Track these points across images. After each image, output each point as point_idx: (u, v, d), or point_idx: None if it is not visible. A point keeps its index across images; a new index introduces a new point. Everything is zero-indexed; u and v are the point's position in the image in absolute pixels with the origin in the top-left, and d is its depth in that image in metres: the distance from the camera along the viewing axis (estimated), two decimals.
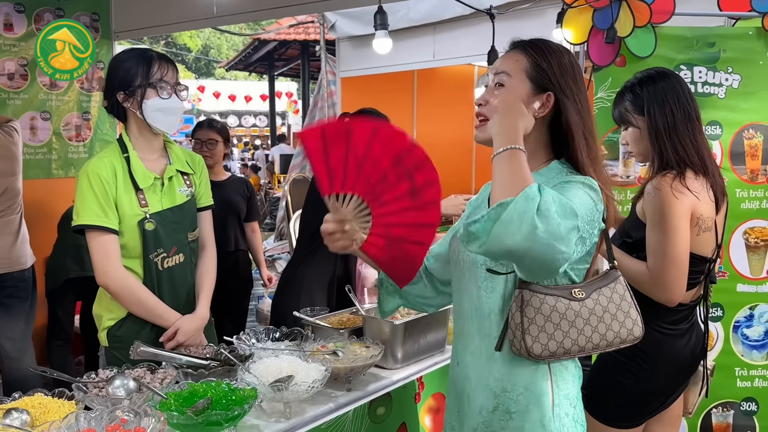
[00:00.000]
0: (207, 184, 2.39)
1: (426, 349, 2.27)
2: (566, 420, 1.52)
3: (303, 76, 12.19)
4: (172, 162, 2.26)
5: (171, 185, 2.23)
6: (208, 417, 1.55)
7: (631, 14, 2.78)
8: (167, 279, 2.19)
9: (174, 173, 2.24)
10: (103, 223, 2.07)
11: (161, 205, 2.18)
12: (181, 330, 2.14)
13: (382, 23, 3.95)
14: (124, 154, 2.16)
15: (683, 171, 2.09)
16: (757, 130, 2.91)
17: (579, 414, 1.57)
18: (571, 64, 1.56)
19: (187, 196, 2.26)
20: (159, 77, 2.14)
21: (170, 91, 2.16)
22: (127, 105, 2.15)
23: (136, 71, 2.13)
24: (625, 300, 1.54)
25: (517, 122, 1.44)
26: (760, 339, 2.92)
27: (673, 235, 2.02)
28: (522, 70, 1.55)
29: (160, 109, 2.14)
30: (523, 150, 1.39)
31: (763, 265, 2.92)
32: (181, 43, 29.20)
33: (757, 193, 2.92)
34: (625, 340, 1.53)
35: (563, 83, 1.53)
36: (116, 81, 2.15)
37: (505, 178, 1.36)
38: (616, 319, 1.52)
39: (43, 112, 4.46)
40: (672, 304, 2.07)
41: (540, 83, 1.54)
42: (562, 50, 1.58)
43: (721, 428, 2.93)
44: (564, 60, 1.56)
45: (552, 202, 1.28)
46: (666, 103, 2.14)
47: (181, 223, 2.23)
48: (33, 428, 1.52)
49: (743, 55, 2.90)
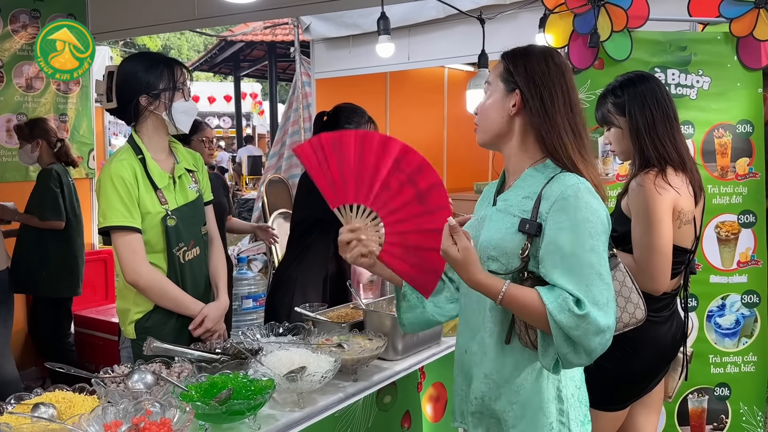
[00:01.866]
0: (207, 180, 2.49)
1: (424, 341, 2.36)
2: (572, 400, 1.62)
3: (270, 78, 12.18)
4: (179, 161, 2.35)
5: (182, 183, 2.32)
6: (232, 406, 1.61)
7: (609, 19, 2.91)
8: (189, 271, 2.29)
9: (183, 171, 2.33)
10: (129, 223, 2.15)
11: (177, 202, 2.27)
12: (209, 317, 2.27)
13: (384, 28, 4.13)
14: (138, 156, 2.23)
15: (664, 168, 2.22)
16: (726, 129, 3.08)
17: (583, 395, 1.67)
18: (546, 65, 1.63)
19: (196, 193, 2.36)
20: (182, 81, 2.28)
21: (189, 94, 2.31)
22: (152, 108, 2.24)
23: (162, 75, 2.23)
24: (626, 286, 1.65)
25: (470, 274, 1.52)
26: (732, 327, 3.09)
27: (657, 228, 2.15)
28: (498, 76, 1.68)
29: (184, 111, 2.28)
30: (503, 292, 1.50)
31: (734, 257, 3.09)
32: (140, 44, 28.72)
33: (727, 189, 3.08)
34: (627, 324, 1.63)
35: (529, 83, 1.62)
36: (139, 85, 2.22)
37: (524, 317, 1.53)
38: (617, 304, 1.62)
39: (19, 114, 4.43)
40: (657, 293, 2.19)
41: (509, 84, 1.65)
42: (543, 53, 1.66)
43: (697, 413, 3.09)
44: (535, 62, 1.63)
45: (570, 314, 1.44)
46: (645, 104, 2.27)
47: (196, 218, 2.34)
48: (63, 421, 1.56)
49: (712, 58, 3.06)
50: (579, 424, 1.62)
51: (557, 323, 1.44)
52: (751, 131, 3.08)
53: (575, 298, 1.44)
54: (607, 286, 1.47)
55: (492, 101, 1.68)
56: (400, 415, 2.13)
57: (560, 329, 1.44)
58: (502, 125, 1.66)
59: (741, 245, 3.08)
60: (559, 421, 1.59)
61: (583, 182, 1.55)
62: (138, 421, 1.53)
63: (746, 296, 3.07)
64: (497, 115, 1.66)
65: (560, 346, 1.46)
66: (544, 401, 1.60)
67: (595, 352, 1.45)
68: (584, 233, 1.48)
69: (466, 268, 1.52)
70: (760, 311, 3.08)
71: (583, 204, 1.51)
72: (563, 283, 1.46)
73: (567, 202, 1.51)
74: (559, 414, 1.59)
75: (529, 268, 1.56)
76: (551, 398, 1.60)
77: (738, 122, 3.08)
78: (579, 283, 1.45)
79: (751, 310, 3.08)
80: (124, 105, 2.25)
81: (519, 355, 1.61)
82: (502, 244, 1.58)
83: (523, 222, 1.56)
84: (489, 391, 1.65)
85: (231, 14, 4.15)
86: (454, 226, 1.52)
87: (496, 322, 1.63)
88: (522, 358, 1.61)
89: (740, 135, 3.07)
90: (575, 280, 1.46)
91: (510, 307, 1.53)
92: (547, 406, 1.59)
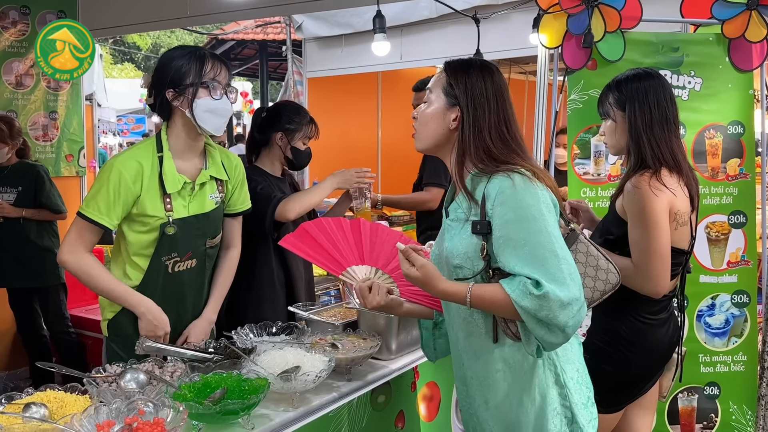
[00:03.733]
0: (243, 188, 2.35)
1: (418, 340, 2.35)
2: (571, 383, 1.66)
3: (261, 76, 12.10)
4: (207, 167, 2.19)
5: (202, 191, 2.18)
6: (225, 406, 1.61)
7: (603, 20, 2.92)
8: (176, 282, 2.18)
9: (207, 179, 2.18)
10: (100, 221, 2.05)
11: (187, 212, 2.14)
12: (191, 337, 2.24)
13: (380, 27, 4.11)
14: (158, 153, 2.10)
15: (658, 169, 2.20)
16: (717, 130, 3.09)
17: (583, 377, 1.71)
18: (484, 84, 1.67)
19: (216, 203, 2.21)
20: (212, 77, 2.08)
21: (222, 92, 2.10)
22: (176, 103, 2.08)
23: (188, 69, 2.06)
24: (591, 255, 1.69)
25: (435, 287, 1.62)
26: (721, 327, 3.11)
27: (655, 231, 2.13)
28: (440, 87, 1.72)
29: (210, 109, 2.07)
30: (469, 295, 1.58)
31: (724, 257, 3.11)
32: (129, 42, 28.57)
33: (717, 189, 3.10)
34: (605, 291, 1.68)
35: (468, 102, 1.66)
36: (166, 78, 2.07)
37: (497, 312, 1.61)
38: (587, 275, 1.68)
39: (9, 111, 4.39)
40: (658, 296, 2.19)
41: (450, 98, 1.69)
42: (482, 71, 1.69)
43: (687, 411, 3.11)
44: (475, 79, 1.67)
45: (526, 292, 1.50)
46: (645, 103, 2.24)
47: (203, 230, 2.20)
48: (54, 421, 1.55)
49: (704, 59, 3.08)
50: (582, 407, 1.66)
51: (523, 309, 1.50)
52: (742, 132, 3.10)
53: (534, 280, 1.50)
54: (564, 261, 1.52)
55: (432, 111, 1.72)
56: (394, 415, 2.13)
57: (528, 314, 1.50)
58: (441, 136, 1.72)
59: (731, 245, 3.10)
60: (562, 405, 1.64)
61: (517, 174, 1.60)
62: (131, 421, 1.52)
63: (736, 296, 3.09)
64: (437, 126, 1.71)
65: (534, 330, 1.52)
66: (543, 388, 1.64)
67: (568, 326, 1.49)
68: (528, 218, 1.54)
69: (428, 282, 1.62)
70: (750, 311, 3.10)
71: (520, 192, 1.57)
72: (520, 269, 1.53)
73: (505, 195, 1.57)
74: (562, 398, 1.64)
75: (493, 266, 1.62)
76: (551, 384, 1.64)
77: (729, 123, 3.10)
78: (534, 264, 1.51)
79: (741, 310, 3.10)
80: (155, 100, 2.11)
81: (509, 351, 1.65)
82: (462, 250, 1.64)
83: (474, 224, 1.62)
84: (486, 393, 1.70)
85: (223, 12, 4.13)
86: (405, 249, 1.64)
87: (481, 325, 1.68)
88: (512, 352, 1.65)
89: (731, 136, 3.09)
90: (530, 263, 1.52)
91: (480, 306, 1.60)
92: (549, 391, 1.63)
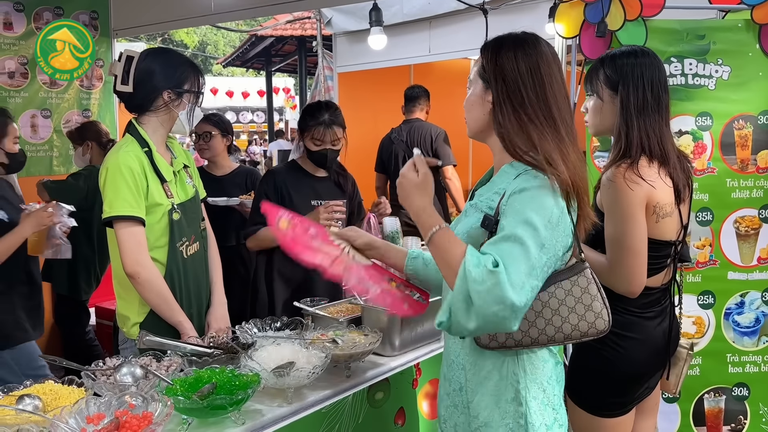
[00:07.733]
0: (199, 177, 2.55)
1: (423, 337, 2.33)
2: (533, 403, 1.56)
3: (300, 72, 12.21)
4: (176, 156, 2.37)
5: (181, 178, 2.36)
6: (213, 401, 1.61)
7: (622, 8, 2.82)
8: (191, 266, 2.32)
9: (180, 167, 2.36)
10: (136, 213, 2.15)
11: (180, 197, 2.31)
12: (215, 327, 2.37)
13: (377, 20, 4.04)
14: (144, 148, 2.24)
15: (636, 159, 2.05)
16: (746, 121, 2.96)
17: (550, 398, 1.60)
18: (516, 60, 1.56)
19: (193, 188, 2.40)
20: (202, 85, 2.37)
21: None
22: (173, 104, 2.28)
23: (188, 77, 2.31)
24: (588, 293, 1.54)
25: (419, 199, 1.56)
26: (751, 325, 2.98)
27: (628, 226, 2.00)
28: (477, 71, 1.66)
29: (197, 114, 2.39)
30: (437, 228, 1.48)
31: (754, 253, 2.98)
32: (177, 40, 29.18)
33: (747, 182, 2.97)
34: (586, 334, 1.53)
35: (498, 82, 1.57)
36: (166, 79, 2.26)
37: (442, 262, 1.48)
38: (575, 312, 1.53)
39: (43, 109, 4.52)
40: (633, 295, 2.05)
41: (485, 81, 1.62)
42: (514, 46, 1.58)
43: (713, 413, 3.00)
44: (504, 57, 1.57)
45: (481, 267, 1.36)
46: (640, 83, 2.10)
47: (196, 213, 2.38)
48: (45, 413, 1.58)
49: (733, 47, 2.95)
50: (544, 428, 1.57)
51: (466, 273, 1.36)
52: None
53: (495, 261, 1.37)
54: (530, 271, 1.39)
55: (473, 96, 1.67)
56: (393, 412, 2.11)
57: (465, 279, 1.36)
58: (484, 121, 1.65)
59: (762, 241, 2.97)
60: (516, 422, 1.55)
61: (543, 181, 1.49)
62: (120, 414, 1.54)
63: (767, 294, 2.96)
64: (478, 111, 1.65)
65: (456, 297, 1.38)
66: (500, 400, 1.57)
67: (487, 319, 1.34)
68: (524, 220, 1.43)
69: (415, 192, 1.56)
70: None
71: (531, 196, 1.47)
72: (490, 250, 1.41)
73: (520, 195, 1.48)
74: (517, 416, 1.55)
75: None
76: (509, 399, 1.56)
77: (760, 113, 2.96)
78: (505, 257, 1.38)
79: None
80: (142, 93, 2.25)
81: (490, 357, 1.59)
82: (469, 240, 1.56)
83: (485, 218, 1.54)
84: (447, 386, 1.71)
85: (246, 8, 4.16)
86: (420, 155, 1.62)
87: None
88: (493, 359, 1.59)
89: (762, 126, 2.96)
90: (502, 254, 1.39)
91: (437, 246, 1.48)
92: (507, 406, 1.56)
